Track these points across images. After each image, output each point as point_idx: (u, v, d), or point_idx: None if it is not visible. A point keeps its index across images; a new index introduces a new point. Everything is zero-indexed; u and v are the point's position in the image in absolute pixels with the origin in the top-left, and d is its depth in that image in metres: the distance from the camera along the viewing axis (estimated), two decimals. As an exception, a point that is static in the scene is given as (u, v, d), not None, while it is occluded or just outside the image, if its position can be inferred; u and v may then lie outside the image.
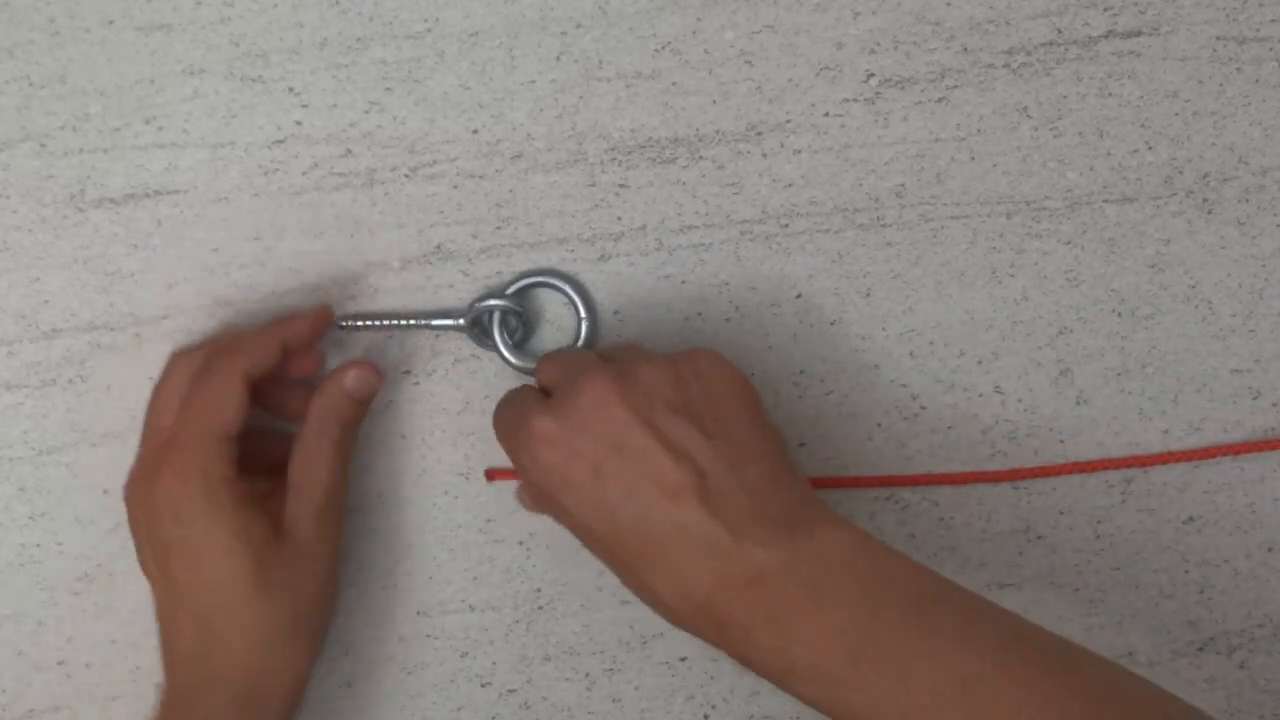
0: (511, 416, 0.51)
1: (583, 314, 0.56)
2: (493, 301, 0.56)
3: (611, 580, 0.58)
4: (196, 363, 0.53)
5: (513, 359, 0.56)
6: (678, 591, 0.47)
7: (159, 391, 0.54)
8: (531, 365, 0.56)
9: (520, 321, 0.57)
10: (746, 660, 0.47)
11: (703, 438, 0.48)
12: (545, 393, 0.52)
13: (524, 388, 0.53)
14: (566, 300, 0.57)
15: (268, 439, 0.55)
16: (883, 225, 0.58)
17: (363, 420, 0.56)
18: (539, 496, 0.51)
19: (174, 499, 0.51)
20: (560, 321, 0.58)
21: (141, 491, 0.52)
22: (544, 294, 0.57)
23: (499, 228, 0.57)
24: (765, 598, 0.46)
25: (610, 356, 0.52)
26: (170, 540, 0.51)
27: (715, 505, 0.47)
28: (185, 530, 0.51)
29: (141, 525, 0.52)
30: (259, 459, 0.54)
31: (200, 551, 0.51)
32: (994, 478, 0.59)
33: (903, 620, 0.45)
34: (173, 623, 0.52)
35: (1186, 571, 0.60)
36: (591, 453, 0.48)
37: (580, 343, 0.57)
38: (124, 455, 0.57)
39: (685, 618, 0.48)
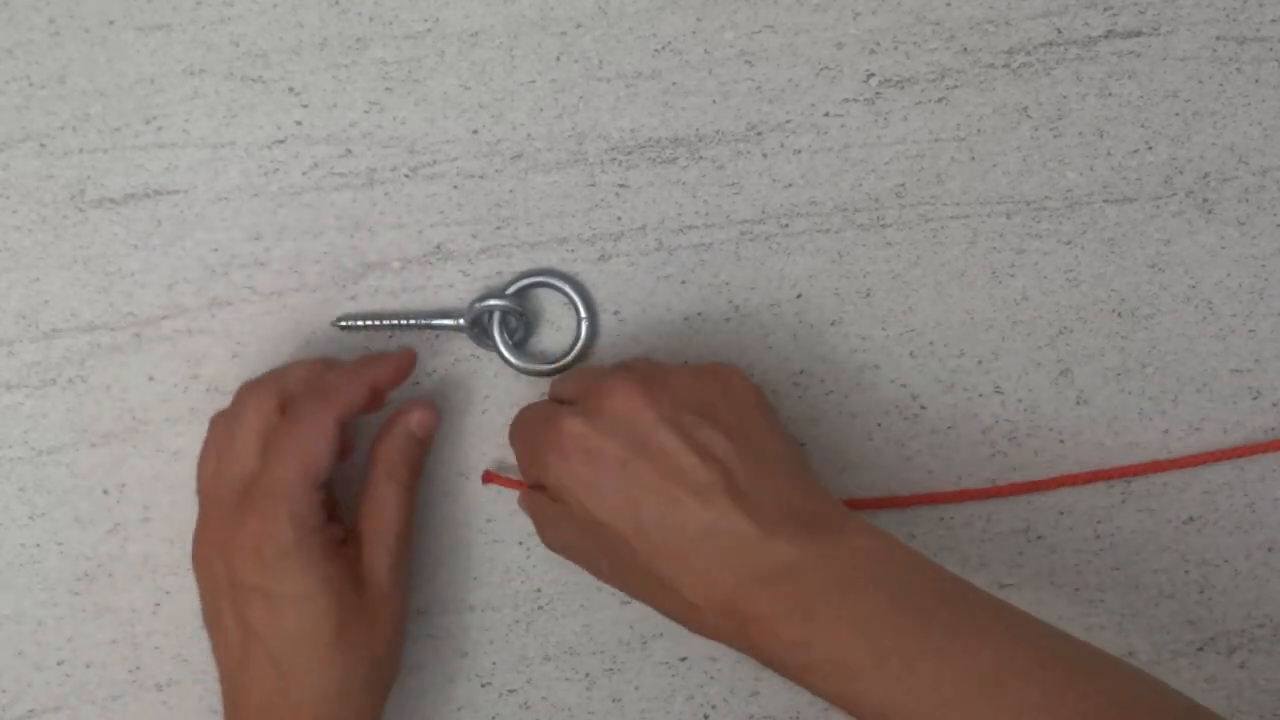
0: (536, 419, 0.51)
1: (582, 314, 0.56)
2: (492, 301, 0.56)
3: (611, 580, 0.58)
4: (270, 402, 0.52)
5: (513, 359, 0.56)
6: (701, 588, 0.47)
7: (236, 433, 0.51)
8: (532, 366, 0.56)
9: (520, 321, 0.57)
10: (766, 656, 0.47)
11: (728, 440, 0.48)
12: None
13: (544, 400, 0.53)
14: (566, 300, 0.57)
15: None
16: (883, 225, 0.58)
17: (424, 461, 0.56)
18: (546, 513, 0.51)
19: (261, 546, 0.49)
20: (560, 321, 0.58)
21: (220, 539, 0.50)
22: (544, 294, 0.57)
23: (499, 228, 0.57)
24: (791, 590, 0.46)
25: (631, 368, 0.52)
26: (253, 588, 0.49)
27: (743, 503, 0.47)
28: (270, 579, 0.49)
29: (219, 575, 0.51)
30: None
31: (285, 601, 0.49)
32: (1009, 490, 0.59)
33: (927, 619, 0.46)
34: (245, 673, 0.51)
35: (1186, 571, 0.60)
36: (619, 453, 0.48)
37: (580, 343, 0.57)
38: (124, 455, 0.57)
39: (706, 616, 0.48)
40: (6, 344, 0.56)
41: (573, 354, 0.57)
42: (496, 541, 0.58)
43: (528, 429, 0.52)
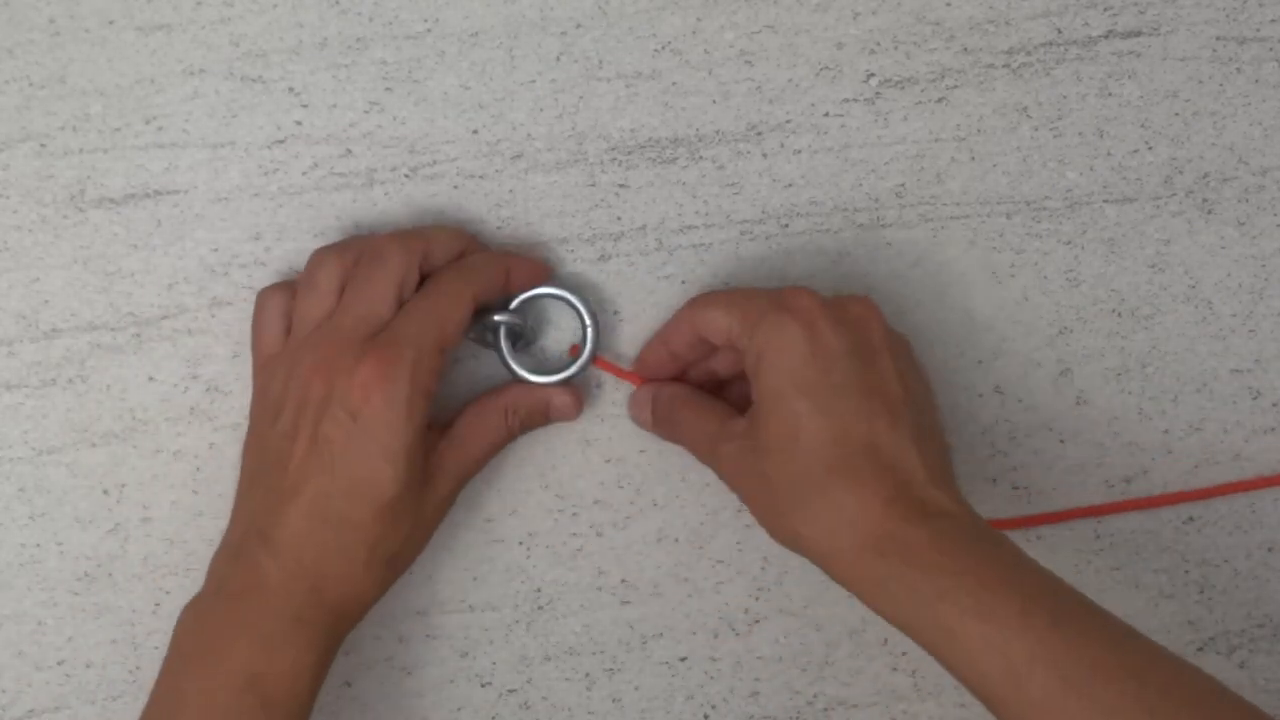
0: (756, 291, 0.52)
1: (588, 322, 0.56)
2: (498, 317, 0.55)
3: (611, 580, 0.58)
4: (414, 259, 0.51)
5: (520, 370, 0.56)
6: (853, 507, 0.48)
7: (375, 277, 0.50)
8: (537, 375, 0.56)
9: (524, 330, 0.56)
10: (894, 586, 0.47)
11: (921, 387, 0.52)
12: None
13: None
14: (570, 307, 0.56)
15: None
16: (883, 225, 0.58)
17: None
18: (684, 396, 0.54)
19: (373, 387, 0.48)
20: (561, 321, 0.58)
21: (331, 361, 0.49)
22: (547, 300, 0.57)
23: (499, 228, 0.57)
24: (946, 528, 0.47)
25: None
26: (348, 416, 0.49)
27: (919, 446, 0.49)
28: (367, 419, 0.48)
29: (314, 390, 0.49)
30: None
31: (367, 447, 0.49)
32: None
33: (1065, 588, 0.47)
34: (296, 459, 0.49)
35: (1186, 571, 0.60)
36: (839, 345, 0.49)
37: (587, 351, 0.56)
38: (124, 455, 0.57)
39: (844, 538, 0.48)
40: (6, 344, 0.56)
41: (579, 363, 0.56)
42: (496, 541, 0.58)
43: (747, 293, 0.53)
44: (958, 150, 0.58)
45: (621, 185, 0.57)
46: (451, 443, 0.54)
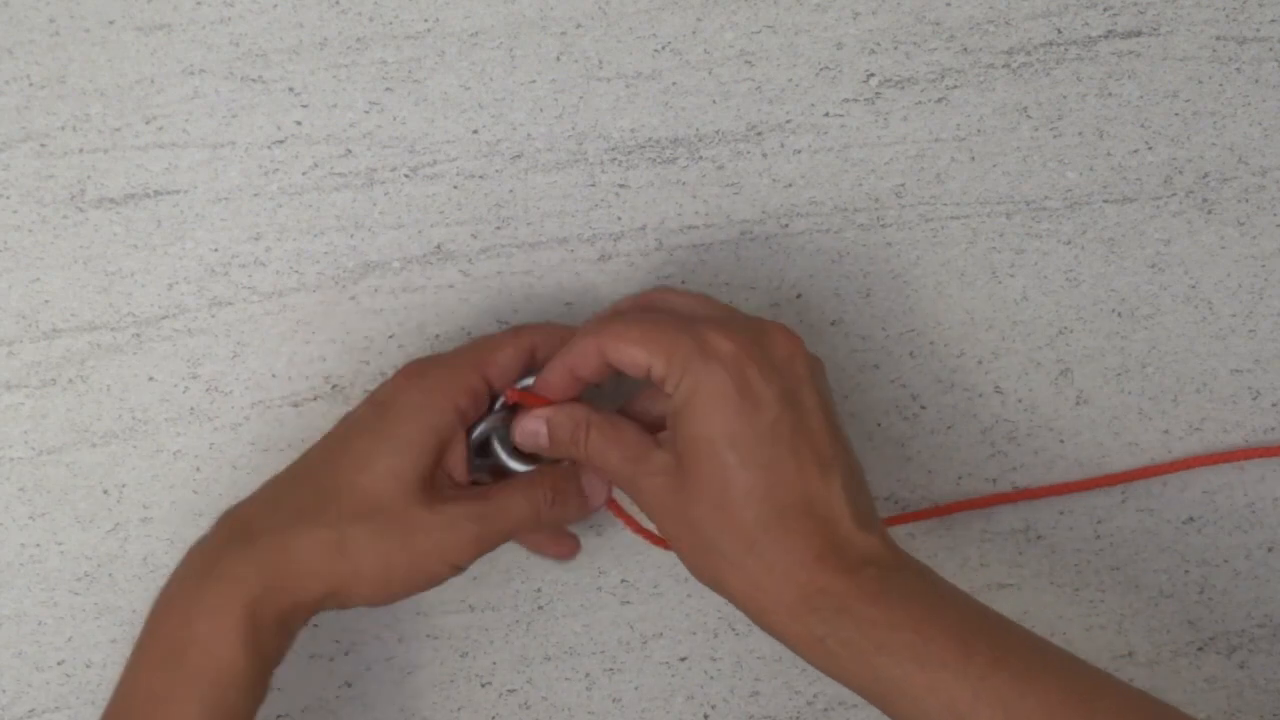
0: (673, 325, 0.49)
1: None
2: (484, 426, 0.53)
3: (611, 580, 0.58)
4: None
5: (517, 465, 0.53)
6: (784, 561, 0.47)
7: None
8: (534, 466, 0.53)
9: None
10: (837, 637, 0.46)
11: (840, 425, 0.50)
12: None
13: (662, 298, 0.52)
14: None
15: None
16: (883, 225, 0.58)
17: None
18: (632, 459, 0.49)
19: (397, 385, 0.51)
20: None
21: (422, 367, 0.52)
22: None
23: (499, 228, 0.57)
24: (877, 576, 0.46)
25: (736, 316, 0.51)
26: (359, 412, 0.51)
27: (848, 491, 0.47)
28: (377, 412, 0.50)
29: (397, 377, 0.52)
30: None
31: (368, 434, 0.50)
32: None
33: (1008, 630, 0.47)
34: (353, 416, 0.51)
35: (1186, 571, 0.60)
36: (768, 396, 0.47)
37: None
38: (124, 455, 0.57)
39: (777, 592, 0.47)
40: (6, 344, 0.56)
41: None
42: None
43: (663, 327, 0.49)
44: (958, 150, 0.58)
45: (621, 185, 0.57)
46: (474, 494, 0.51)
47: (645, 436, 0.50)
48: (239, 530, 0.50)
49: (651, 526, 0.52)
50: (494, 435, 0.53)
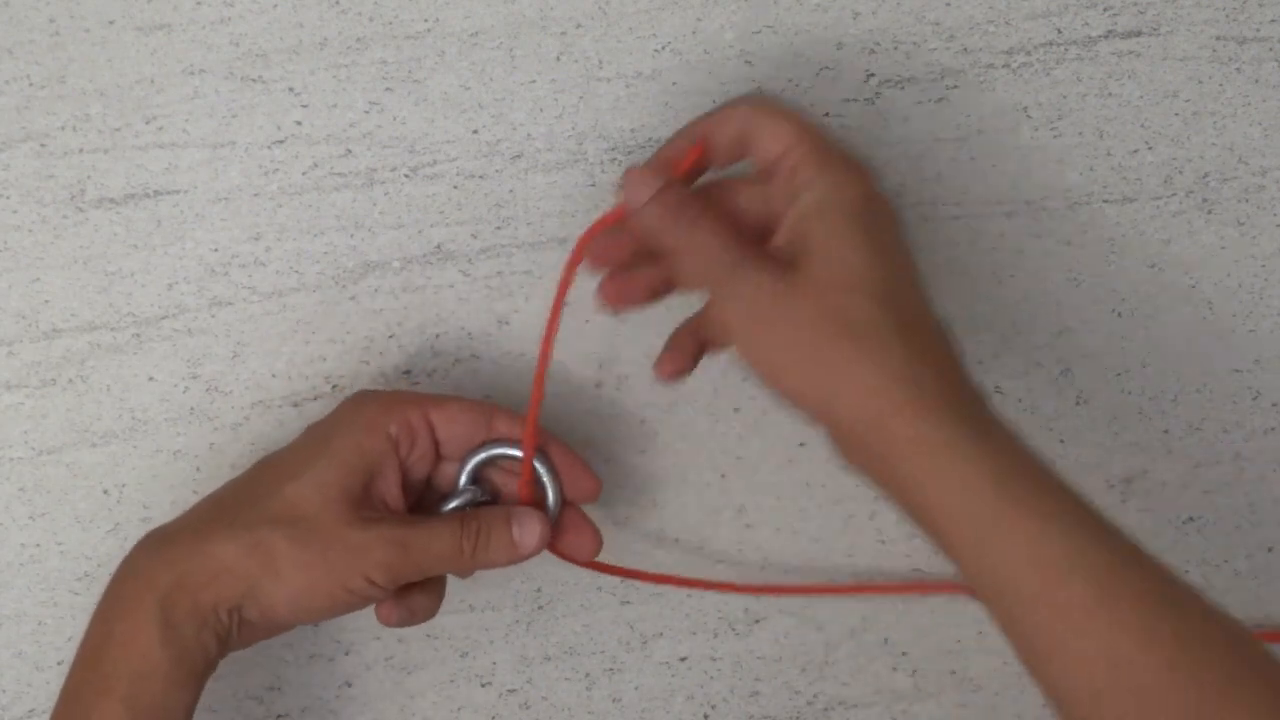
0: (817, 129, 0.48)
1: (548, 485, 0.53)
2: (456, 503, 0.53)
3: (611, 580, 0.58)
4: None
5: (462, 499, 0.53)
6: (897, 372, 0.44)
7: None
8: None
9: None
10: (892, 472, 0.44)
11: None
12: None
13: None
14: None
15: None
16: (883, 225, 0.58)
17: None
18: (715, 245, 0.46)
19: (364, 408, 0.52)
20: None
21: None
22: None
23: (499, 228, 0.57)
24: (972, 420, 0.44)
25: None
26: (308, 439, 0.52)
27: (950, 338, 0.47)
28: (314, 441, 0.51)
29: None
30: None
31: (306, 468, 0.50)
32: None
33: (1060, 485, 0.45)
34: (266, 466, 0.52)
35: (1186, 571, 0.60)
36: (891, 217, 0.47)
37: (551, 504, 0.53)
38: (124, 455, 0.57)
39: (867, 406, 0.44)
40: (6, 344, 0.56)
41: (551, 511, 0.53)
42: (496, 541, 0.58)
43: (806, 122, 0.48)
44: (958, 150, 0.58)
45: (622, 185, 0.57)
46: (401, 520, 0.51)
47: (749, 235, 0.47)
48: (157, 535, 0.50)
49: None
50: (466, 469, 0.53)
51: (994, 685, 0.61)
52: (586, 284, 0.57)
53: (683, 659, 0.59)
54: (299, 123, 0.56)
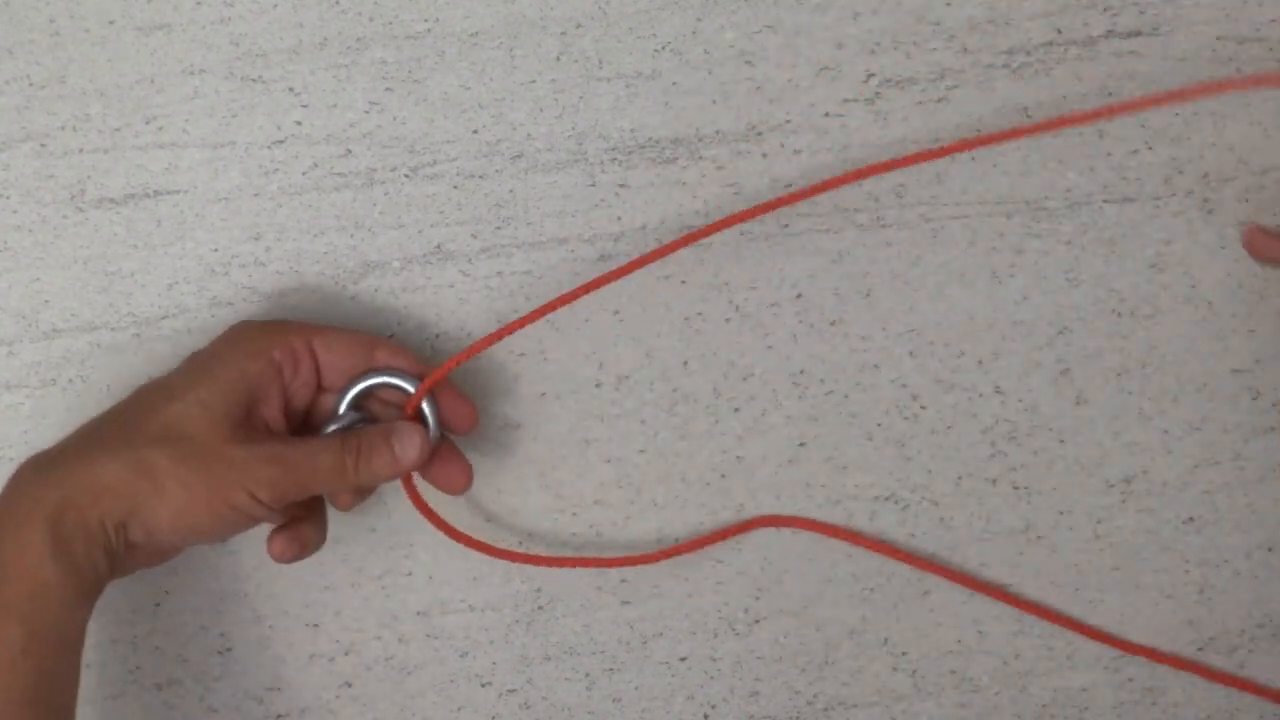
0: None
1: (428, 414, 0.54)
2: (334, 427, 0.53)
3: (611, 580, 0.58)
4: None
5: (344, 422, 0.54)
6: None
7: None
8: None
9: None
10: None
11: None
12: None
13: None
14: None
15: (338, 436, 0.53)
16: (883, 225, 0.58)
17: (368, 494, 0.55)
18: None
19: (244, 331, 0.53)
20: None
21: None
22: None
23: (499, 228, 0.57)
24: None
25: None
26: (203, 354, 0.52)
27: None
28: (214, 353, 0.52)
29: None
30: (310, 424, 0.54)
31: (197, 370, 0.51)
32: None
33: None
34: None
35: (1186, 571, 0.60)
36: None
37: (431, 425, 0.54)
38: (124, 455, 0.57)
39: None
40: (6, 344, 0.56)
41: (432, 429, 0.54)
42: (497, 542, 0.58)
43: None
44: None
45: (621, 185, 0.57)
46: (283, 439, 0.52)
47: None
48: (40, 458, 0.51)
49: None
50: (348, 395, 0.53)
51: (994, 685, 0.61)
52: (585, 283, 0.58)
53: (683, 659, 0.59)
54: (299, 123, 0.56)
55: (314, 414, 0.54)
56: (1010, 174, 0.58)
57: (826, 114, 0.57)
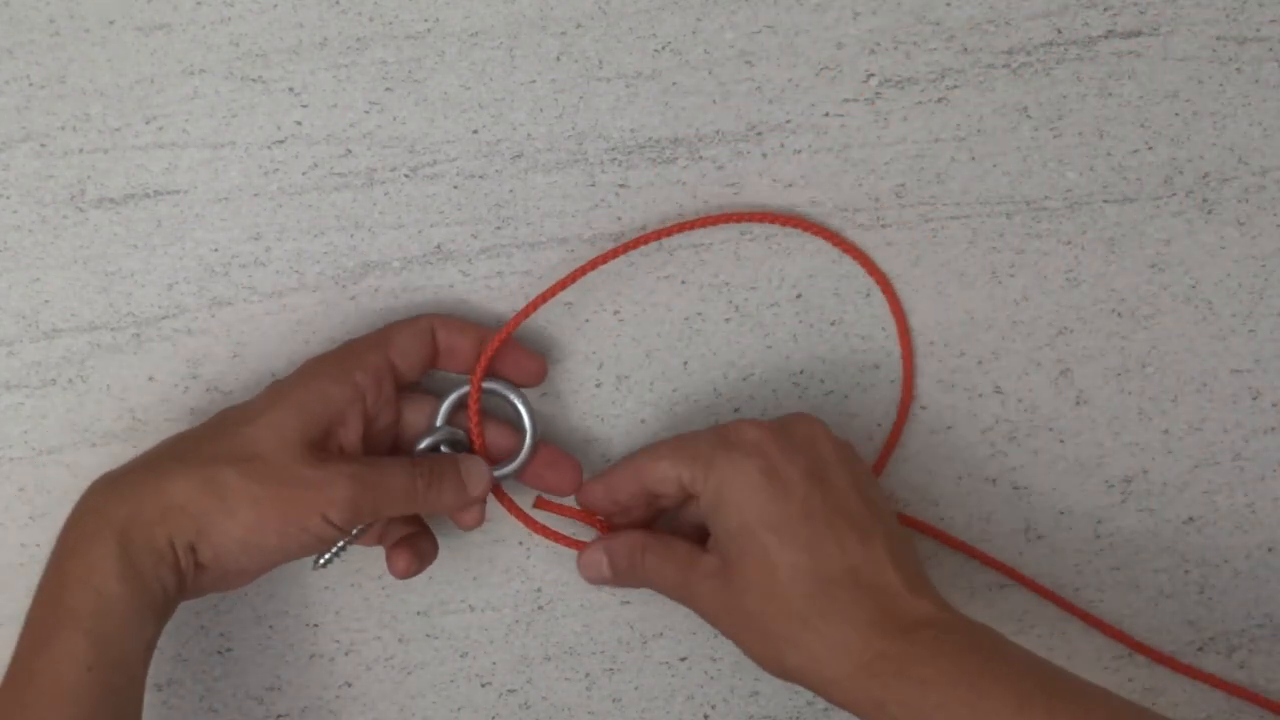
0: (699, 433, 0.52)
1: (527, 424, 0.55)
2: (428, 441, 0.54)
3: (611, 580, 0.58)
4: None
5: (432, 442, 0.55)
6: (837, 633, 0.48)
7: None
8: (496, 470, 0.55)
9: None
10: (893, 699, 0.47)
11: (881, 498, 0.52)
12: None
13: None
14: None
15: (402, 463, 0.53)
16: (883, 225, 0.58)
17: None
18: (644, 542, 0.53)
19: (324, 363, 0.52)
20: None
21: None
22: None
23: (499, 228, 0.57)
24: (932, 639, 0.47)
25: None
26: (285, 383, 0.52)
27: (893, 556, 0.49)
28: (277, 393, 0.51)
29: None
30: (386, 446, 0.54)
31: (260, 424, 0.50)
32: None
33: (1062, 677, 0.47)
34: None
35: (1186, 571, 0.60)
36: (795, 476, 0.50)
37: (528, 442, 0.55)
38: (124, 455, 0.57)
39: (839, 665, 0.48)
40: (6, 344, 0.56)
41: (524, 451, 0.55)
42: (497, 541, 0.58)
43: (688, 438, 0.52)
44: (958, 150, 0.58)
45: (621, 185, 0.57)
46: (355, 458, 0.51)
47: (693, 547, 0.53)
48: (112, 475, 0.50)
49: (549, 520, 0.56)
50: (440, 434, 0.54)
51: (994, 685, 0.61)
52: (587, 284, 0.58)
53: (683, 659, 0.59)
54: (299, 123, 0.56)
55: (401, 429, 0.55)
56: (1010, 174, 0.58)
57: (826, 114, 0.57)
